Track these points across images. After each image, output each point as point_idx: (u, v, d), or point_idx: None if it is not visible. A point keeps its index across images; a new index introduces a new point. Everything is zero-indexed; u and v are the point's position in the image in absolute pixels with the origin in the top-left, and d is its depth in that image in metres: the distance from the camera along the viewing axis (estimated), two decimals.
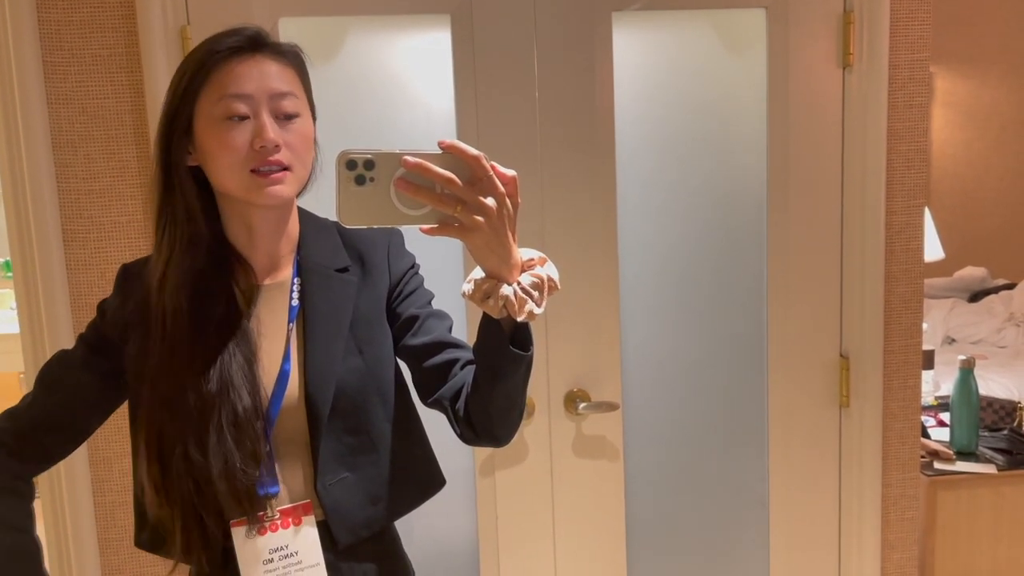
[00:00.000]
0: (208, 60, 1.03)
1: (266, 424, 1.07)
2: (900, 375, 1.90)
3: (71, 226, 1.63)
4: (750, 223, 1.87)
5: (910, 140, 1.83)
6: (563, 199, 1.76)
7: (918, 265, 1.87)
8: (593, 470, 1.85)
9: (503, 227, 0.91)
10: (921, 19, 1.80)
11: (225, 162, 1.02)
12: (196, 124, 1.03)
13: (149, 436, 1.05)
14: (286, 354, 1.10)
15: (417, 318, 1.15)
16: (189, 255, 1.06)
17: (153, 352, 1.05)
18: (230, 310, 1.07)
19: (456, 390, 1.09)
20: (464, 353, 1.12)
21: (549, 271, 0.98)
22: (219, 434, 1.03)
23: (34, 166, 1.59)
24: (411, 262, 1.20)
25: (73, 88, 1.60)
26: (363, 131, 1.73)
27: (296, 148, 1.04)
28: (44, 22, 1.58)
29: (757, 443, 1.93)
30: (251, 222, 1.09)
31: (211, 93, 1.02)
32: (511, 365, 0.99)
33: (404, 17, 1.73)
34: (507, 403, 1.05)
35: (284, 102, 1.03)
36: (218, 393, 1.03)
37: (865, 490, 1.90)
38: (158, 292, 1.06)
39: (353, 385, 1.10)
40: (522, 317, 0.95)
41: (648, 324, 1.88)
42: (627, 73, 1.78)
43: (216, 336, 1.05)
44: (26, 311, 1.65)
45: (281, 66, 1.05)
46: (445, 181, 0.88)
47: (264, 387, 1.07)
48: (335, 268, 1.14)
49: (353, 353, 1.11)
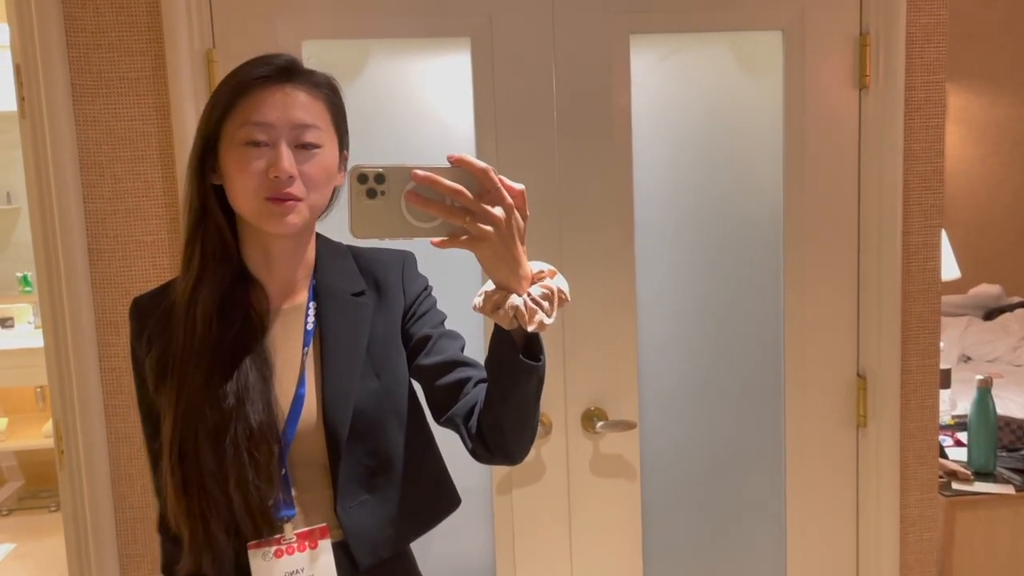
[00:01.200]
0: (238, 87, 1.06)
1: (281, 447, 1.08)
2: (918, 395, 1.90)
3: (97, 245, 1.66)
4: (767, 242, 1.88)
5: (927, 161, 1.84)
6: (581, 218, 1.77)
7: (935, 285, 1.88)
8: (610, 489, 1.85)
9: (512, 238, 0.93)
10: (937, 41, 1.81)
11: (240, 186, 1.05)
12: (221, 146, 1.07)
13: (172, 442, 1.06)
14: (301, 378, 1.11)
15: (430, 338, 1.17)
16: (218, 270, 1.09)
17: (176, 362, 1.08)
18: (247, 330, 1.10)
19: (469, 408, 1.11)
20: (476, 372, 1.14)
21: (559, 283, 1.00)
22: (235, 447, 1.04)
23: (61, 186, 1.61)
24: (424, 284, 1.23)
25: (101, 110, 1.63)
26: (384, 151, 1.75)
27: (312, 179, 1.06)
28: (73, 45, 1.61)
29: (774, 463, 1.93)
30: (268, 247, 1.12)
31: (236, 118, 1.05)
32: (523, 376, 1.01)
33: (425, 40, 1.75)
34: (520, 417, 1.06)
35: (306, 133, 1.06)
36: (235, 407, 1.05)
37: (883, 511, 1.89)
38: (188, 303, 1.08)
39: (371, 407, 1.12)
40: (532, 327, 0.97)
41: (665, 342, 1.89)
42: (645, 94, 1.80)
43: (233, 354, 1.08)
44: (51, 328, 1.67)
45: (311, 97, 1.08)
46: (454, 193, 0.90)
47: (280, 407, 1.09)
48: (351, 292, 1.16)
49: (370, 375, 1.13)
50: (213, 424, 1.05)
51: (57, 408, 1.70)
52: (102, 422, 1.69)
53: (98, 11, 1.61)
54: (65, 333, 1.66)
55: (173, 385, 1.08)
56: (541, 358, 1.01)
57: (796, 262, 1.85)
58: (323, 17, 1.68)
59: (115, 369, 1.68)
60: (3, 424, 4.25)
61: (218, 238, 1.09)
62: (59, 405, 1.69)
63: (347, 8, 1.68)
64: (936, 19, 1.80)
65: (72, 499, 1.72)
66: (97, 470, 1.69)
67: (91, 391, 1.67)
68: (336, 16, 1.68)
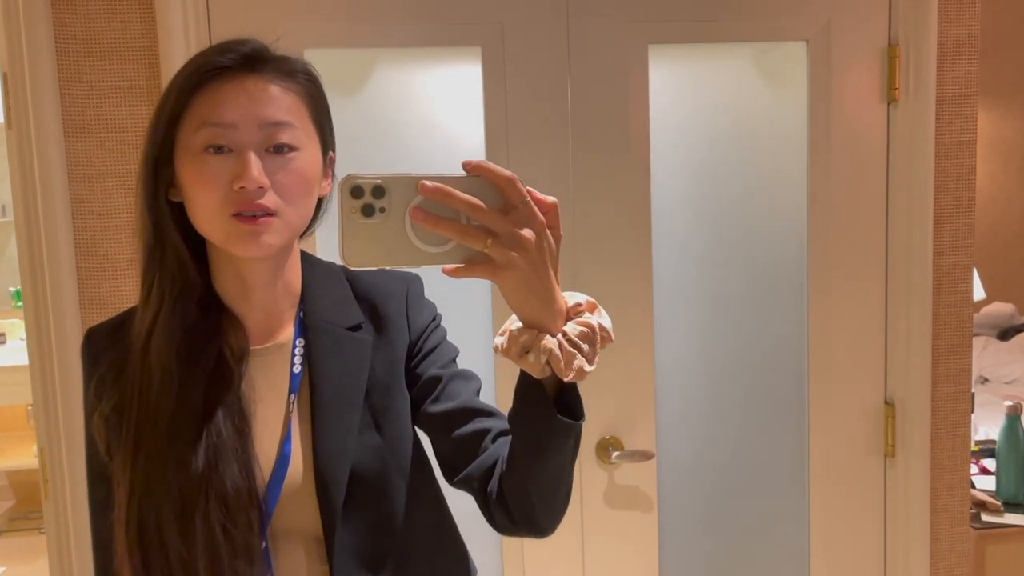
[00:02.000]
0: (193, 80, 0.87)
1: (262, 515, 0.90)
2: (948, 423, 1.81)
3: (86, 263, 1.57)
4: (790, 262, 1.80)
5: (958, 178, 1.75)
6: (596, 237, 1.69)
7: (967, 308, 1.79)
8: (626, 521, 1.76)
9: (544, 264, 0.74)
10: (968, 53, 1.73)
11: (201, 203, 0.87)
12: (176, 154, 0.89)
13: (128, 519, 0.88)
14: (287, 432, 0.93)
15: (440, 379, 0.99)
16: (179, 308, 0.91)
17: (131, 420, 0.90)
18: (220, 376, 0.91)
19: (488, 467, 0.92)
20: (496, 422, 0.96)
21: (601, 319, 0.82)
22: (206, 522, 0.87)
23: (49, 201, 1.53)
24: (432, 314, 1.04)
25: (91, 121, 1.54)
26: (389, 165, 1.67)
27: (288, 189, 0.87)
28: (62, 53, 1.53)
29: (797, 494, 1.84)
30: (243, 274, 0.94)
31: (192, 119, 0.87)
32: (557, 437, 0.82)
33: (433, 49, 1.67)
34: (551, 485, 0.87)
35: (278, 133, 0.87)
36: (205, 472, 0.87)
37: (912, 545, 1.80)
38: (143, 351, 0.90)
39: (371, 466, 0.94)
40: (570, 376, 0.78)
41: (684, 367, 1.80)
42: (663, 106, 1.72)
43: (203, 406, 0.89)
44: (37, 349, 1.59)
45: (283, 89, 0.89)
46: (472, 209, 0.72)
47: (260, 468, 0.91)
48: (346, 326, 0.97)
49: (369, 427, 0.95)
50: (179, 496, 0.86)
51: (42, 433, 1.62)
52: None
53: (90, 17, 1.53)
54: (51, 356, 1.57)
55: (128, 448, 0.89)
56: (581, 416, 0.83)
57: (821, 283, 1.77)
58: (326, 25, 1.60)
59: None
60: None
61: (177, 268, 0.91)
62: (44, 430, 1.61)
63: (351, 16, 1.60)
64: (968, 30, 1.72)
65: (57, 527, 1.63)
66: (82, 498, 1.59)
67: (77, 416, 1.56)
68: (340, 24, 1.60)
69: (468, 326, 1.18)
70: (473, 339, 1.13)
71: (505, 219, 0.73)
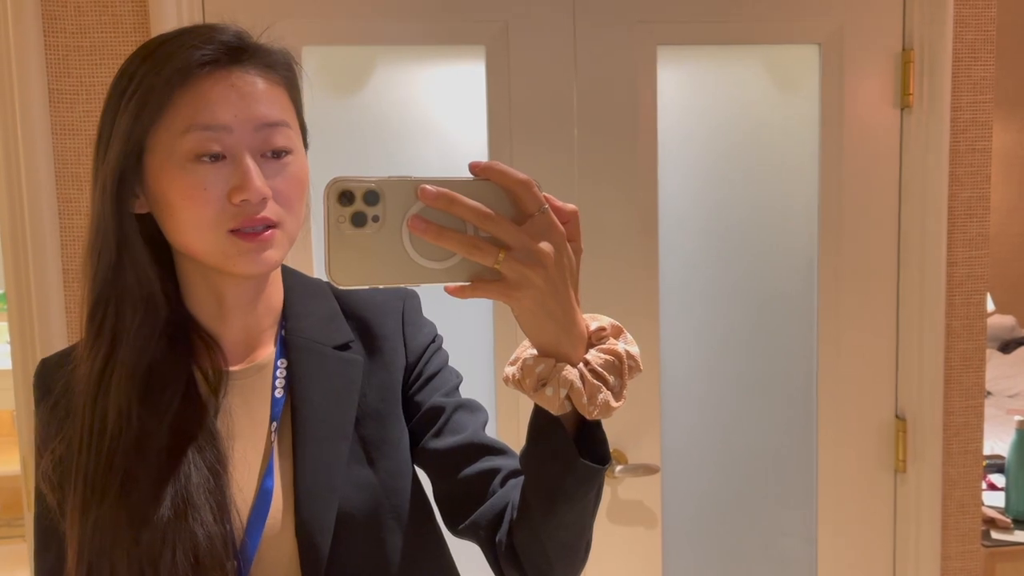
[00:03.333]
0: (174, 77, 0.75)
1: (240, 562, 0.79)
2: (960, 439, 1.76)
3: (72, 266, 1.51)
4: (800, 271, 1.75)
5: (972, 186, 1.71)
6: (602, 244, 1.63)
7: (980, 320, 1.75)
8: (629, 537, 1.70)
9: (563, 282, 0.64)
10: (984, 59, 1.69)
11: (192, 219, 0.76)
12: (149, 161, 0.77)
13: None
14: (268, 465, 0.82)
15: (443, 410, 0.87)
16: (140, 340, 0.79)
17: (81, 471, 0.77)
18: (190, 405, 0.80)
19: (496, 513, 0.81)
20: (507, 461, 0.85)
21: (628, 345, 0.70)
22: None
23: (35, 201, 1.47)
24: (432, 334, 0.93)
25: (80, 118, 1.49)
26: (387, 167, 1.62)
27: (287, 198, 0.78)
28: (51, 47, 1.47)
29: (805, 509, 1.78)
30: (222, 293, 0.83)
31: (175, 122, 0.75)
32: (578, 484, 0.71)
33: (435, 48, 1.62)
34: (571, 537, 0.76)
35: (274, 135, 0.77)
36: (172, 521, 0.75)
37: (923, 562, 1.75)
38: (96, 392, 0.78)
39: (361, 506, 0.82)
40: (595, 413, 0.67)
41: (690, 380, 1.75)
42: (672, 109, 1.67)
43: (170, 444, 0.78)
44: (20, 354, 1.53)
45: (269, 83, 0.79)
46: (481, 218, 0.62)
47: (238, 510, 0.80)
48: (333, 345, 0.86)
49: (360, 461, 0.83)
50: (140, 551, 0.74)
51: (25, 442, 1.56)
52: None
53: (79, 10, 1.47)
54: (35, 361, 1.50)
55: (76, 505, 0.76)
56: (608, 460, 0.72)
57: (831, 293, 1.72)
58: (325, 22, 1.55)
59: None
60: None
61: (140, 294, 0.79)
62: (27, 438, 1.55)
63: (351, 12, 1.55)
64: (984, 35, 1.68)
65: None
66: None
67: None
68: (339, 20, 1.55)
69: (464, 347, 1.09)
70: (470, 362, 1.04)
71: (519, 230, 0.63)
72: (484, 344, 1.59)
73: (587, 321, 0.71)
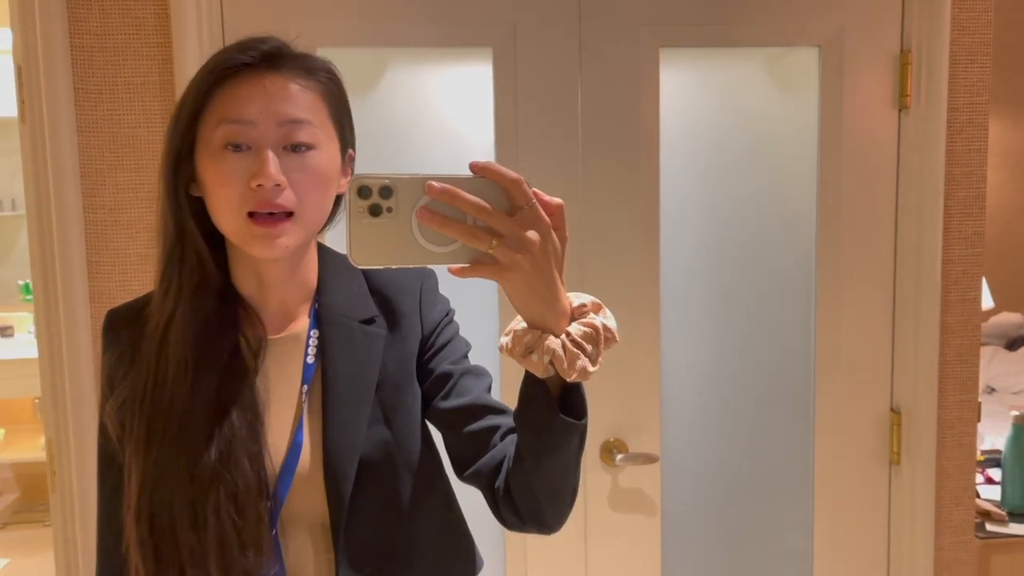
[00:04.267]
0: (212, 77, 0.88)
1: (272, 504, 0.92)
2: (954, 432, 1.80)
3: (96, 258, 1.58)
4: (798, 267, 1.79)
5: (968, 186, 1.75)
6: (604, 240, 1.69)
7: (975, 316, 1.79)
8: (629, 524, 1.76)
9: (548, 265, 0.76)
10: (980, 61, 1.73)
11: (219, 200, 0.88)
12: (197, 150, 0.90)
13: (139, 509, 0.89)
14: (298, 422, 0.94)
15: (451, 376, 0.99)
16: (198, 301, 0.92)
17: (144, 410, 0.90)
18: (234, 367, 0.92)
19: (496, 464, 0.94)
20: (506, 420, 0.97)
21: (605, 320, 0.83)
22: (216, 514, 0.88)
23: (61, 195, 1.54)
24: (445, 309, 1.05)
25: (104, 116, 1.55)
26: (398, 164, 1.67)
27: (305, 188, 0.88)
28: (76, 48, 1.54)
29: (801, 500, 1.83)
30: (260, 270, 0.96)
31: (211, 116, 0.88)
32: (560, 436, 0.83)
33: (445, 50, 1.68)
34: (557, 482, 0.88)
35: (296, 131, 0.88)
36: (217, 464, 0.88)
37: (917, 553, 1.79)
38: (159, 344, 0.91)
39: (379, 459, 0.95)
40: (573, 376, 0.79)
41: (690, 372, 1.80)
42: (674, 109, 1.72)
43: (217, 397, 0.91)
44: (46, 344, 1.59)
45: (302, 87, 0.90)
46: (478, 210, 0.73)
47: (271, 459, 0.92)
48: (360, 319, 0.98)
49: (379, 421, 0.96)
50: (191, 489, 0.88)
51: (50, 426, 1.62)
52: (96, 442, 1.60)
53: (104, 12, 1.53)
54: (60, 349, 1.58)
55: (140, 438, 0.90)
56: (584, 416, 0.84)
57: (829, 289, 1.76)
58: (339, 23, 1.60)
59: None
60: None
61: (197, 263, 0.92)
62: (52, 423, 1.61)
63: (364, 15, 1.61)
64: (980, 38, 1.72)
65: (63, 521, 1.64)
66: (89, 492, 1.60)
67: (85, 410, 1.59)
68: (352, 23, 1.61)
69: (476, 325, 1.18)
70: (480, 338, 1.13)
71: (510, 220, 0.74)
72: (491, 318, 1.65)
73: (571, 299, 0.82)
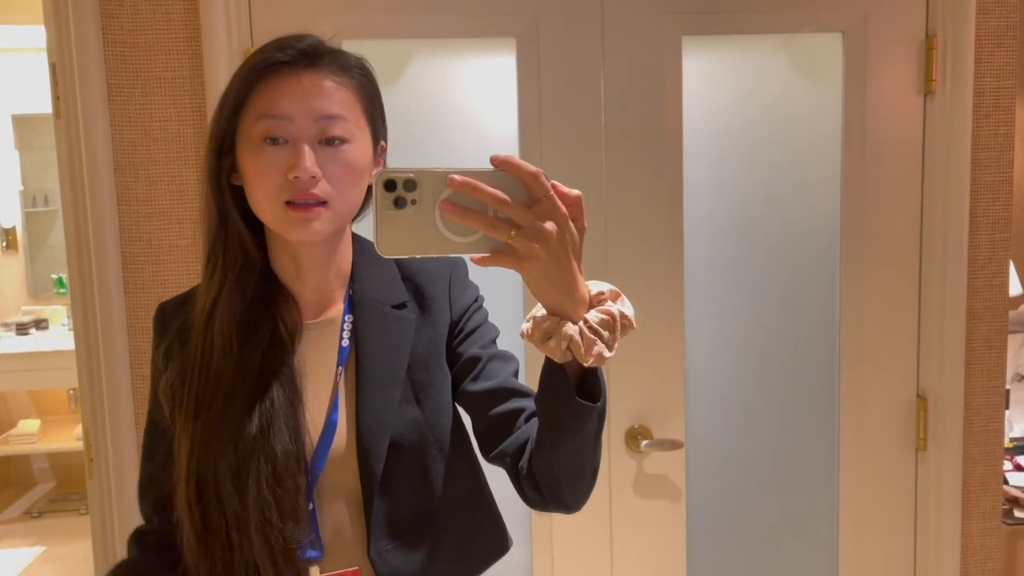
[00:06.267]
0: (253, 74, 0.93)
1: (309, 479, 0.97)
2: (981, 418, 1.80)
3: (130, 249, 1.61)
4: (823, 254, 1.79)
5: (995, 171, 1.74)
6: (628, 228, 1.70)
7: (1002, 302, 1.78)
8: (654, 510, 1.77)
9: (566, 255, 0.78)
10: (1008, 44, 1.72)
11: (258, 190, 0.93)
12: (238, 143, 0.95)
13: (188, 474, 0.95)
14: (334, 401, 0.99)
15: (479, 360, 1.03)
16: (241, 284, 0.98)
17: (193, 385, 0.97)
18: (275, 348, 0.98)
19: (520, 445, 0.97)
20: (531, 403, 1.00)
21: (623, 307, 0.85)
22: (257, 483, 0.93)
23: (95, 188, 1.58)
24: (474, 295, 1.09)
25: (136, 110, 1.59)
26: (424, 155, 1.69)
27: (339, 179, 0.93)
28: (109, 44, 1.57)
29: (826, 485, 1.83)
30: (297, 256, 1.01)
31: (251, 111, 0.93)
32: (578, 418, 0.87)
33: (468, 40, 1.69)
34: (576, 463, 0.91)
35: (331, 126, 0.93)
36: (258, 437, 0.94)
37: (943, 539, 1.79)
38: (206, 323, 0.97)
39: (410, 438, 1.00)
40: (590, 361, 0.82)
41: (714, 358, 1.81)
42: (696, 97, 1.72)
43: (259, 375, 0.96)
44: (83, 334, 1.63)
45: (337, 84, 0.94)
46: (498, 202, 0.76)
47: (309, 436, 0.97)
48: (391, 304, 1.03)
49: (410, 401, 1.00)
50: (234, 457, 0.93)
51: (87, 415, 1.67)
52: (132, 429, 1.64)
53: (135, 9, 1.57)
54: (96, 339, 1.62)
55: (189, 411, 0.96)
56: (601, 398, 0.87)
57: (853, 275, 1.76)
58: (364, 16, 1.63)
59: (146, 376, 1.61)
60: (36, 426, 4.26)
61: (240, 248, 0.98)
62: (89, 412, 1.66)
63: (389, 7, 1.63)
64: (1007, 21, 1.70)
65: (101, 507, 1.68)
66: (126, 478, 1.65)
67: (121, 398, 1.63)
68: (377, 15, 1.63)
69: (500, 311, 1.20)
70: (505, 325, 1.15)
71: (529, 212, 0.76)
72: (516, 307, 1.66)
73: (589, 287, 0.85)
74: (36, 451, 4.31)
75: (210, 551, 0.95)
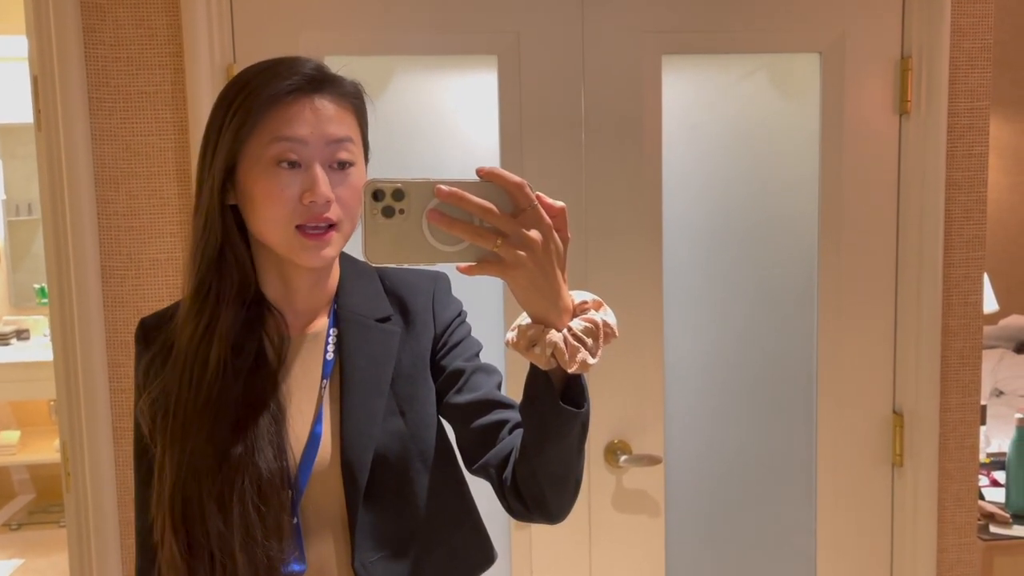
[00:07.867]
0: (267, 100, 0.94)
1: (294, 493, 0.97)
2: (957, 434, 1.82)
3: (110, 262, 1.61)
4: (800, 271, 1.81)
5: (969, 190, 1.77)
6: (608, 243, 1.71)
7: (977, 320, 1.80)
8: (633, 525, 1.78)
9: (550, 264, 0.80)
10: (981, 66, 1.75)
11: (270, 213, 0.94)
12: (241, 165, 0.95)
13: (172, 498, 0.95)
14: (318, 415, 1.00)
15: (463, 372, 1.05)
16: (234, 308, 0.97)
17: (180, 410, 0.96)
18: (260, 364, 0.98)
19: (504, 456, 0.98)
20: (514, 414, 1.02)
21: (605, 316, 0.87)
22: (241, 502, 0.93)
23: (76, 201, 1.57)
24: (458, 309, 1.11)
25: (118, 124, 1.59)
26: (406, 169, 1.70)
27: (347, 203, 0.95)
28: (91, 58, 1.58)
29: (804, 501, 1.85)
30: (289, 278, 1.02)
31: (263, 134, 0.93)
32: (563, 425, 0.88)
33: (450, 58, 1.71)
34: (560, 470, 0.93)
35: (340, 150, 0.95)
36: (243, 457, 0.94)
37: (919, 555, 1.81)
38: (199, 345, 0.96)
39: (394, 450, 1.00)
40: (573, 368, 0.84)
41: (693, 374, 1.82)
42: (676, 115, 1.74)
43: (244, 396, 0.96)
44: (61, 347, 1.63)
45: (339, 108, 0.97)
46: (483, 212, 0.78)
47: (292, 451, 0.98)
48: (376, 318, 1.04)
49: (394, 414, 1.01)
50: (221, 477, 0.93)
51: (65, 428, 1.66)
52: (110, 444, 1.64)
53: (118, 24, 1.57)
54: (75, 353, 1.61)
55: (175, 435, 0.96)
56: (584, 404, 0.88)
57: (831, 292, 1.78)
58: (347, 33, 1.64)
59: (125, 390, 1.63)
60: (15, 437, 4.22)
61: (237, 271, 0.98)
62: (67, 425, 1.65)
63: (371, 24, 1.64)
64: (981, 43, 1.74)
65: (77, 520, 1.67)
66: (103, 493, 1.64)
67: (99, 412, 1.62)
68: (360, 32, 1.64)
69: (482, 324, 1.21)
70: (487, 338, 1.16)
71: (514, 222, 0.79)
72: (498, 319, 1.67)
73: (573, 296, 0.87)
74: (16, 463, 4.27)
75: (193, 572, 0.94)
